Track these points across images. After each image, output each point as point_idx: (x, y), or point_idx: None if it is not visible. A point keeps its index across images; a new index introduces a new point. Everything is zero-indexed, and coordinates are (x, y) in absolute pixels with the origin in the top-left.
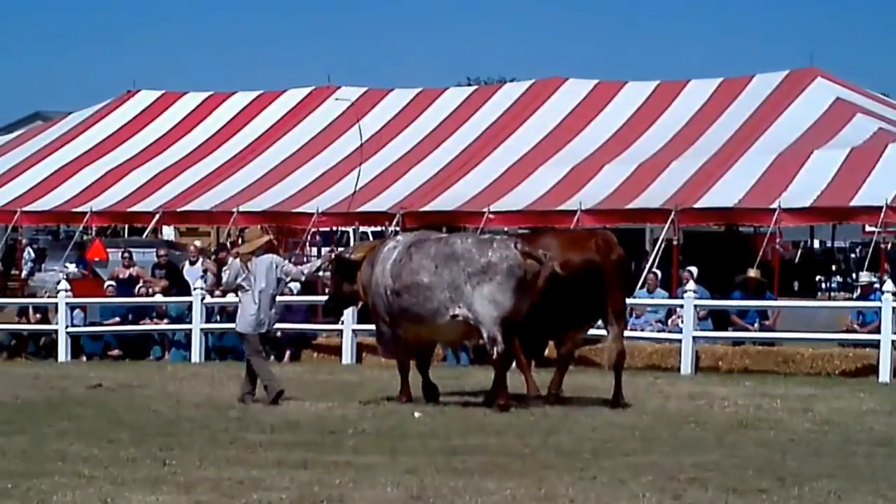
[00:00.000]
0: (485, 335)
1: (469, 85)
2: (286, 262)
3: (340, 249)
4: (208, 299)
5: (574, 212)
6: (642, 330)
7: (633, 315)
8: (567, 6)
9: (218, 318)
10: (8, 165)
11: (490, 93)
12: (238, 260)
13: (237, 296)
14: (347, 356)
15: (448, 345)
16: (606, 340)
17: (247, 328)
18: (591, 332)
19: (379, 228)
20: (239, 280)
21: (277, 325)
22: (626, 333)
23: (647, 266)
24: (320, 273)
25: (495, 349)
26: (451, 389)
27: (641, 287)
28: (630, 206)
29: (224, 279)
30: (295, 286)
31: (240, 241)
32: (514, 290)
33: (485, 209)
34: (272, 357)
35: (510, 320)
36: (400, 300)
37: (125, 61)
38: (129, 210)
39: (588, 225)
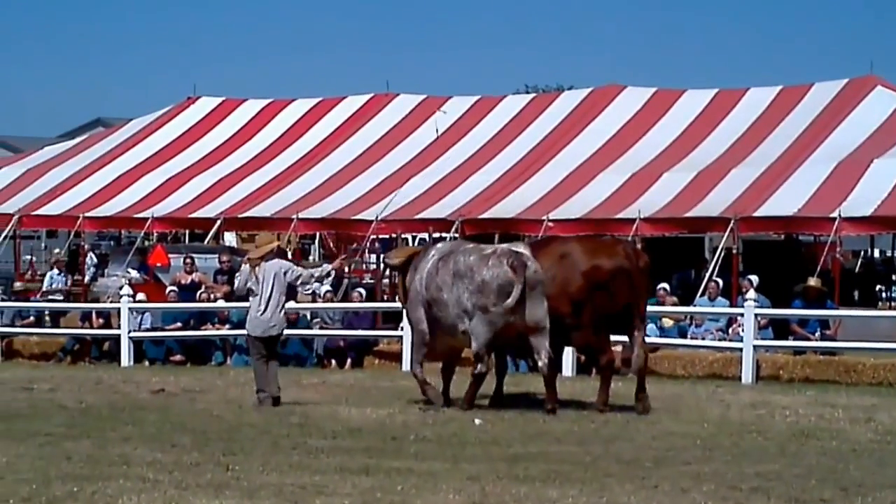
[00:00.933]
0: (473, 350)
1: (527, 93)
2: (295, 266)
3: (384, 256)
4: None
5: (633, 220)
6: (703, 339)
7: (694, 324)
8: (625, 14)
9: None
10: (70, 171)
11: (548, 101)
12: (247, 265)
13: (248, 300)
14: (408, 362)
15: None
16: (629, 347)
17: (254, 331)
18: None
19: (438, 235)
20: (249, 284)
21: (340, 332)
22: (688, 342)
23: (707, 275)
24: (330, 277)
25: (478, 366)
26: (509, 396)
27: (702, 295)
28: (689, 214)
29: (236, 284)
30: (322, 287)
31: (289, 246)
32: (507, 309)
33: (544, 217)
34: (332, 363)
35: (512, 332)
36: (430, 311)
37: (186, 68)
38: (190, 216)
39: (647, 234)
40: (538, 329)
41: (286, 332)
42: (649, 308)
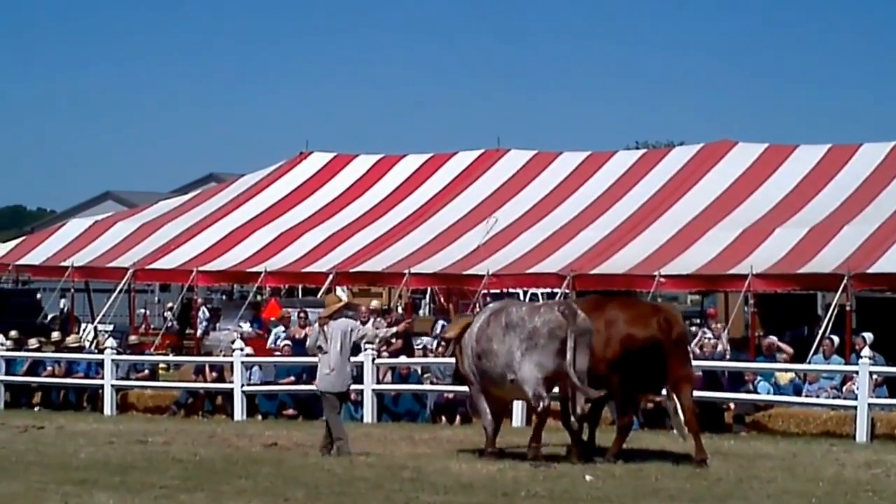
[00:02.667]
0: (529, 394)
1: (638, 148)
2: (360, 325)
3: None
4: (380, 360)
5: (745, 276)
6: (817, 396)
7: (808, 382)
8: (736, 70)
9: (390, 378)
10: (184, 226)
11: (659, 156)
12: (317, 323)
13: (318, 357)
14: (518, 419)
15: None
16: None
17: (324, 386)
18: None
19: (548, 290)
20: (318, 342)
21: (451, 388)
22: (802, 400)
23: (821, 332)
24: (393, 340)
25: (541, 404)
26: (624, 452)
27: (816, 352)
28: (802, 270)
29: (307, 342)
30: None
31: (400, 301)
32: (557, 352)
33: (655, 273)
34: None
35: (560, 377)
36: (480, 363)
37: (298, 123)
38: (302, 270)
39: (760, 290)
40: (580, 377)
41: (398, 386)
42: (765, 364)
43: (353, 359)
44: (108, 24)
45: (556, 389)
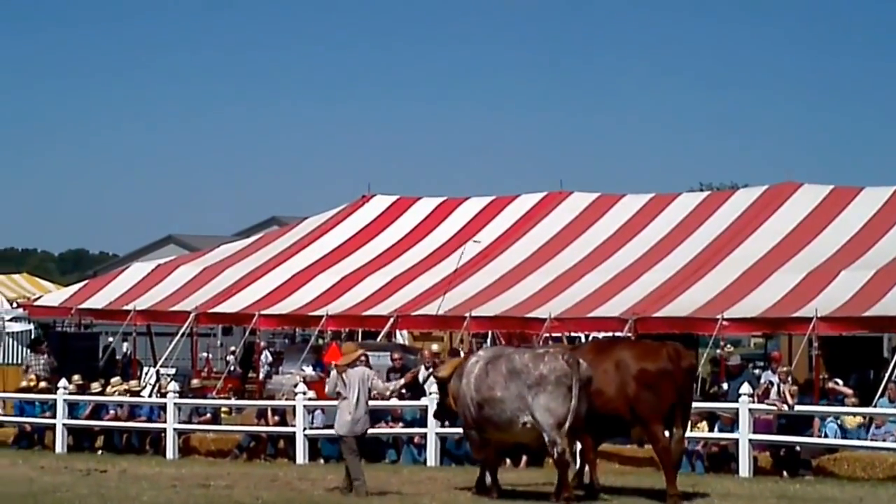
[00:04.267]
0: (546, 439)
1: (701, 190)
2: (375, 377)
3: (431, 370)
4: None
5: (810, 319)
6: (884, 440)
7: (874, 425)
8: (801, 111)
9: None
10: (246, 270)
11: (723, 198)
12: (335, 371)
13: (338, 402)
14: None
15: (528, 446)
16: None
17: (343, 430)
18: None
19: (611, 334)
20: (337, 388)
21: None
22: (869, 444)
23: (887, 375)
24: (403, 391)
25: (555, 450)
26: (685, 497)
27: (882, 395)
28: (868, 313)
29: (326, 388)
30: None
31: (461, 345)
32: (564, 397)
33: (718, 316)
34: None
35: (570, 423)
36: (482, 411)
37: (360, 166)
38: (363, 314)
39: (825, 333)
40: (578, 423)
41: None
42: (830, 408)
43: (415, 403)
44: (170, 65)
45: None
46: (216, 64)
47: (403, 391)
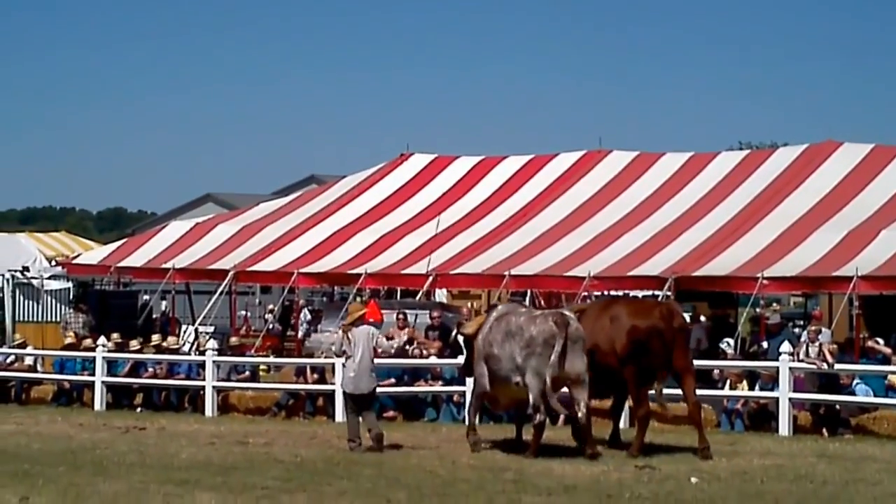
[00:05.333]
0: (531, 402)
1: (741, 149)
2: (380, 335)
3: (458, 324)
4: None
5: (850, 278)
6: None
7: None
8: (840, 69)
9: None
10: (285, 228)
11: (763, 157)
12: (341, 330)
13: (344, 361)
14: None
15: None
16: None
17: (348, 388)
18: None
19: (650, 293)
20: (343, 347)
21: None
22: None
23: None
24: (407, 347)
25: (537, 416)
26: (724, 455)
27: None
28: None
29: (333, 348)
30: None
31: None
32: (551, 359)
33: (758, 275)
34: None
35: (549, 381)
36: (489, 364)
37: (398, 125)
38: (402, 272)
39: (865, 292)
40: (579, 381)
41: None
42: (873, 367)
43: (454, 361)
44: (210, 24)
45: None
46: (256, 23)
47: (407, 347)
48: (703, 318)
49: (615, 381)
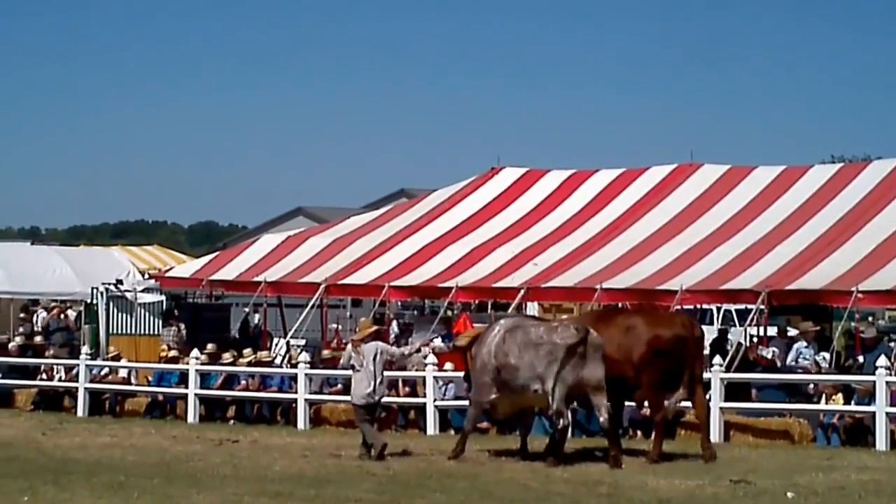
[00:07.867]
0: (553, 408)
1: (834, 162)
2: (390, 346)
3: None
4: None
5: None
6: None
7: None
8: None
9: None
10: (375, 242)
11: (856, 171)
12: (349, 346)
13: (353, 374)
14: (715, 434)
15: (540, 412)
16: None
17: (358, 400)
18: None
19: (742, 307)
20: (351, 361)
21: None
22: None
23: None
24: (419, 354)
25: (561, 421)
26: (821, 470)
27: None
28: None
29: (341, 361)
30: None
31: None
32: (574, 366)
33: (852, 288)
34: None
35: (580, 390)
36: (500, 375)
37: (489, 139)
38: (493, 286)
39: None
40: (598, 388)
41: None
42: None
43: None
44: (305, 36)
45: None
46: (348, 37)
47: (420, 350)
48: (792, 332)
49: (623, 390)
